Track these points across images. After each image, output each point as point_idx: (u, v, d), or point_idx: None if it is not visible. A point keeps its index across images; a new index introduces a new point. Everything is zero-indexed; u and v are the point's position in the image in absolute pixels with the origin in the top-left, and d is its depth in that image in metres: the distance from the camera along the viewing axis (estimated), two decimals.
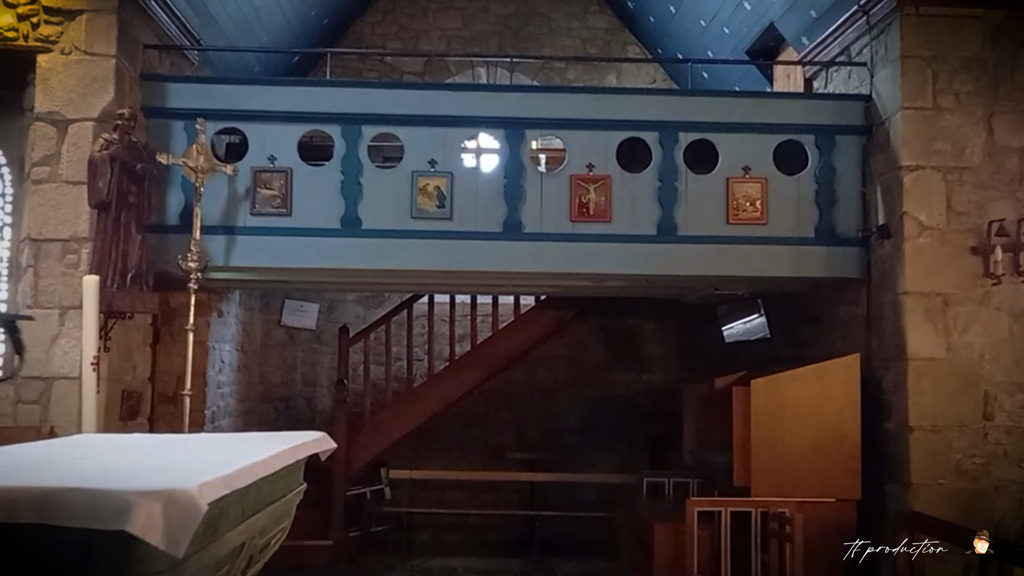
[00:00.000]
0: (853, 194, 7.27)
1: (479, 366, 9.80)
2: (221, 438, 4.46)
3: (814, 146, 7.29)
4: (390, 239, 7.11)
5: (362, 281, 8.80)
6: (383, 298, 11.03)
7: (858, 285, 7.36)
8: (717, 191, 7.24)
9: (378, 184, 7.16)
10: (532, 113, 7.23)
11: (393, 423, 9.69)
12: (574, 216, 7.18)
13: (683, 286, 8.50)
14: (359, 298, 11.13)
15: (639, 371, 10.93)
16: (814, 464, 6.76)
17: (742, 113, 7.28)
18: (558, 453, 10.58)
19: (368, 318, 10.77)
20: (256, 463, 3.35)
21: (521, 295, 10.05)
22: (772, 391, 6.85)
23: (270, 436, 4.56)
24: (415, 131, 7.20)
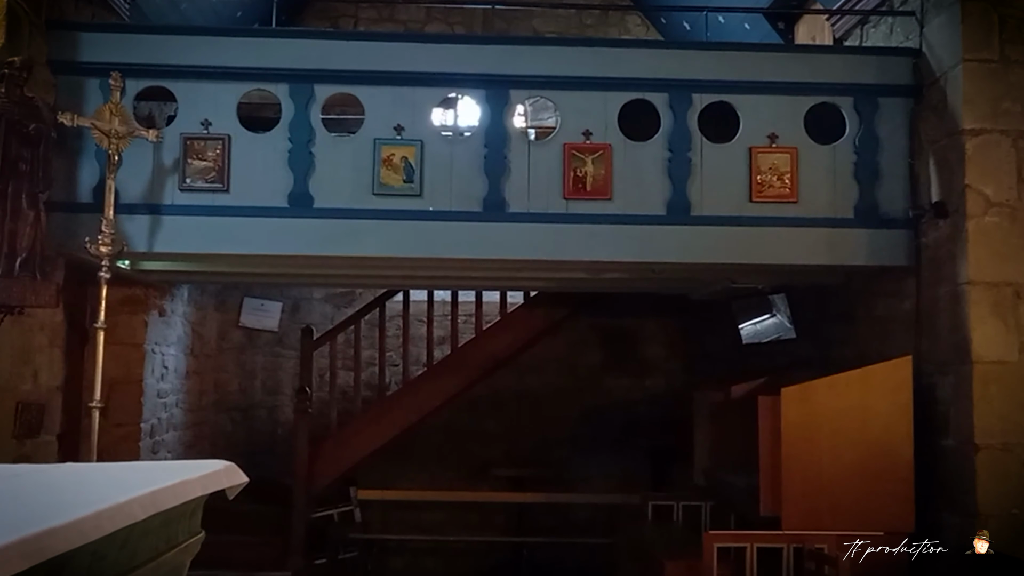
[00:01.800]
0: (899, 166, 6.13)
1: (461, 372, 8.80)
2: (83, 469, 3.28)
3: (853, 110, 6.14)
4: (347, 220, 5.97)
5: (315, 273, 7.61)
6: (353, 296, 9.94)
7: (903, 275, 6.22)
8: (738, 163, 6.10)
9: (333, 154, 6.01)
10: (518, 70, 6.07)
11: (363, 436, 8.66)
12: (568, 193, 6.04)
13: (695, 278, 7.34)
14: (327, 296, 10.01)
15: (639, 376, 9.83)
16: (858, 489, 5.60)
17: (768, 70, 6.14)
18: (549, 469, 9.54)
19: (337, 318, 9.68)
20: (103, 512, 2.25)
21: (508, 291, 8.94)
22: (806, 401, 5.69)
23: (157, 467, 3.47)
24: (378, 91, 6.05)
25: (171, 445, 8.49)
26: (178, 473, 3.03)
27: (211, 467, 3.33)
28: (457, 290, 8.95)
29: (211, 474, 3.27)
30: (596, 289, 8.28)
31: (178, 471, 3.10)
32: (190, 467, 3.28)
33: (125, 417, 7.68)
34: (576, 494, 9.45)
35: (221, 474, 3.34)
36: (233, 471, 3.51)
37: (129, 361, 7.67)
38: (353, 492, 9.04)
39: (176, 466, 3.46)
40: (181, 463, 3.59)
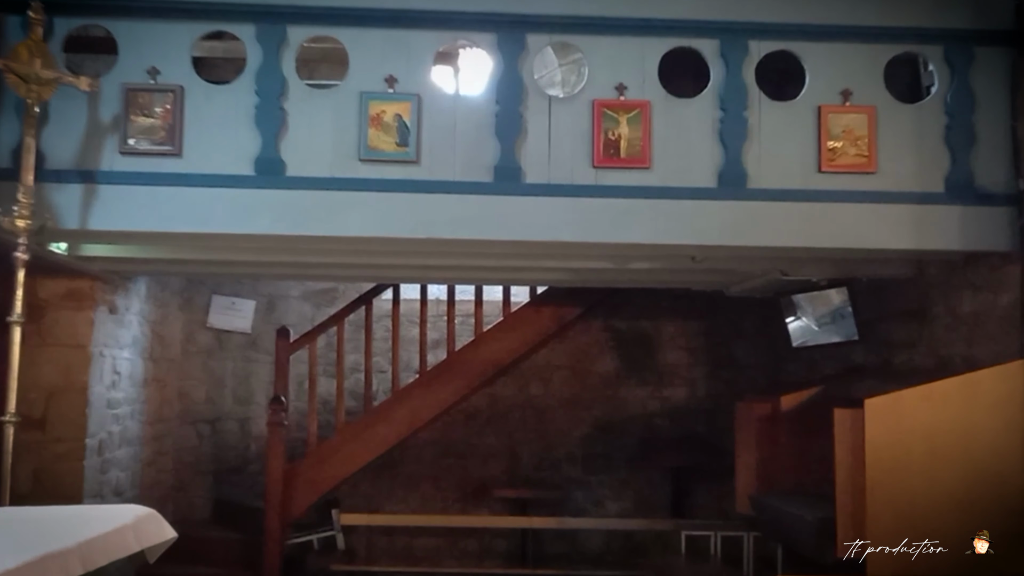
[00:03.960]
0: (999, 130, 5.05)
1: (457, 379, 7.80)
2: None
3: (943, 61, 5.07)
4: (327, 192, 4.89)
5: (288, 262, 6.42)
6: (336, 293, 8.82)
7: (1000, 262, 5.17)
8: (804, 126, 5.02)
9: (311, 111, 4.92)
10: (536, 8, 4.97)
11: (347, 452, 7.68)
12: (598, 160, 4.95)
13: (743, 268, 6.24)
14: (306, 293, 8.89)
15: (658, 385, 8.73)
16: (960, 527, 4.52)
17: (840, 13, 5.05)
18: (557, 490, 8.47)
19: (317, 318, 8.56)
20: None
21: (512, 287, 7.85)
22: (895, 415, 4.61)
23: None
24: (365, 34, 4.95)
25: (125, 463, 7.35)
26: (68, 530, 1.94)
27: (125, 516, 2.22)
28: (454, 285, 7.87)
29: (112, 531, 2.16)
30: (618, 283, 7.19)
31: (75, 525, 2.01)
32: (93, 515, 2.19)
33: (67, 431, 6.56)
34: (589, 519, 8.38)
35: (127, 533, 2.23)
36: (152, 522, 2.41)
37: (71, 365, 6.54)
38: (335, 515, 8.01)
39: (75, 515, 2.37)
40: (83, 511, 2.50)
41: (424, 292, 7.93)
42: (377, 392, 8.16)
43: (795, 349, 7.30)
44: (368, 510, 8.32)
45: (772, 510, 5.77)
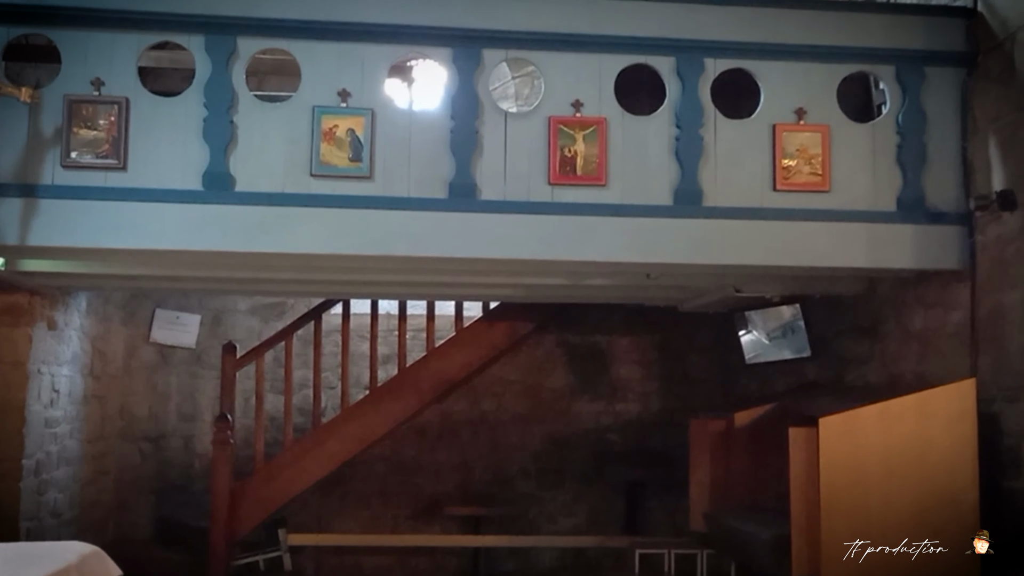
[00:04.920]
0: (950, 150, 5.11)
1: (408, 395, 7.69)
2: None
3: (895, 81, 5.11)
4: (278, 208, 4.77)
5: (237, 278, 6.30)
6: (284, 308, 8.66)
7: (951, 280, 5.21)
8: (760, 144, 5.03)
9: (261, 125, 4.80)
10: (493, 23, 4.90)
11: (295, 470, 7.52)
12: (554, 177, 4.91)
13: (697, 285, 6.22)
14: (253, 308, 8.72)
15: (611, 400, 8.70)
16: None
17: (795, 32, 5.06)
18: (509, 507, 8.38)
19: (265, 333, 8.38)
20: None
21: (464, 302, 7.77)
22: (850, 433, 4.61)
23: None
24: (318, 47, 4.85)
25: (63, 483, 7.14)
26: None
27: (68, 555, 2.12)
28: (406, 300, 7.76)
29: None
30: (573, 299, 7.14)
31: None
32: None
33: (3, 451, 6.38)
34: (541, 536, 8.33)
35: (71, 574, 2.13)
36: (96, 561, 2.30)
37: (8, 384, 6.36)
38: (282, 535, 7.91)
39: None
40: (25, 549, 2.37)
41: (375, 307, 7.83)
42: (326, 408, 8.03)
43: (748, 365, 7.32)
44: (317, 529, 8.18)
45: (726, 527, 5.75)
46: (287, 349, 7.62)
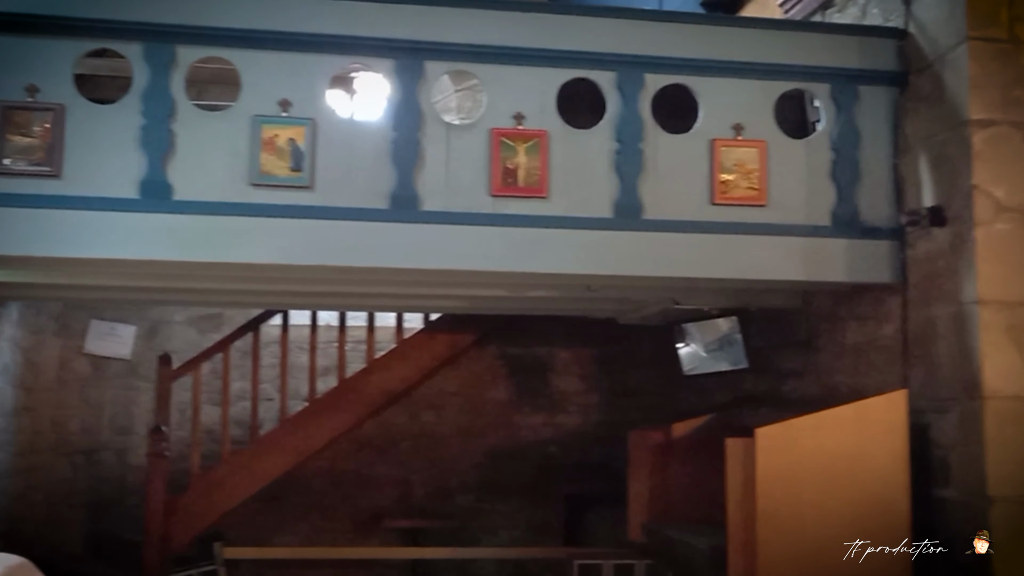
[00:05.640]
0: (882, 167, 5.22)
1: (348, 408, 7.63)
2: None
3: (829, 99, 5.22)
4: (217, 217, 4.71)
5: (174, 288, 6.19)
6: (222, 319, 8.56)
7: (883, 294, 5.32)
8: (698, 158, 5.10)
9: (201, 134, 4.74)
10: (436, 36, 4.91)
11: (232, 483, 7.43)
12: (496, 189, 4.92)
13: (637, 297, 6.28)
14: (190, 319, 8.61)
15: (552, 413, 8.72)
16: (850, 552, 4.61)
17: (733, 49, 5.15)
18: (450, 519, 8.34)
19: (202, 344, 8.25)
20: None
21: (405, 313, 7.74)
22: (786, 444, 4.67)
23: None
24: (259, 56, 4.81)
25: None
26: None
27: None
28: (346, 312, 7.71)
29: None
30: (514, 311, 7.16)
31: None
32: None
33: None
34: (481, 548, 8.30)
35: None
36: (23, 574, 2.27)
37: None
38: (217, 549, 7.65)
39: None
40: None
41: (314, 318, 7.76)
42: (264, 421, 7.92)
43: (688, 377, 7.40)
44: (254, 543, 8.02)
45: (665, 538, 5.79)
46: (224, 360, 7.54)
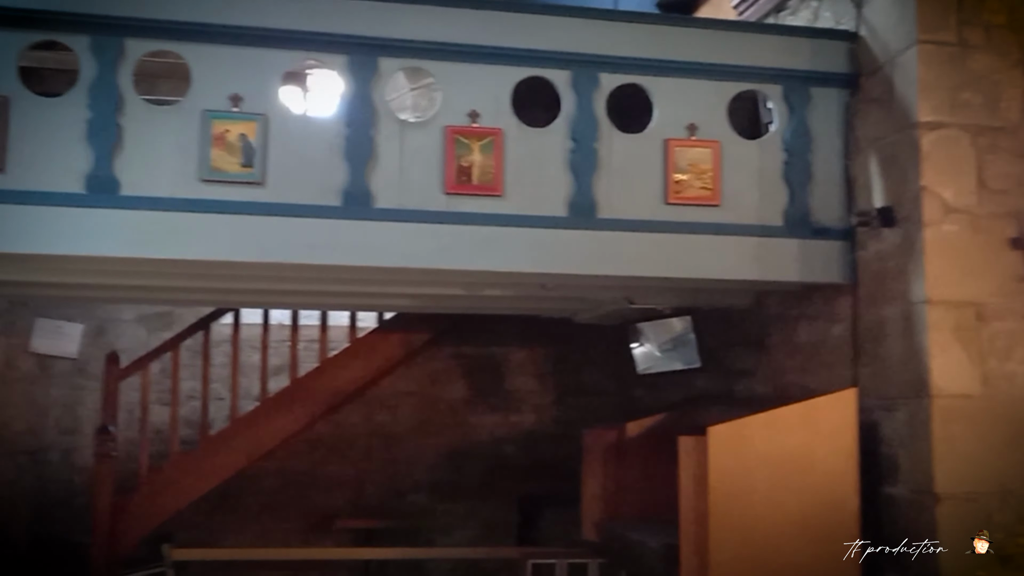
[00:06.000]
0: (833, 168, 5.28)
1: (300, 407, 7.57)
2: None
3: (782, 100, 5.27)
4: (166, 213, 4.62)
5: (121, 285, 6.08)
6: (172, 317, 8.43)
7: (834, 294, 5.38)
8: (652, 158, 5.11)
9: (149, 128, 4.66)
10: (390, 32, 4.87)
11: (181, 484, 7.36)
12: (450, 187, 4.89)
13: (592, 296, 6.28)
14: (139, 317, 8.48)
15: (507, 412, 8.72)
16: (800, 552, 4.65)
17: (687, 50, 5.17)
18: (403, 520, 8.30)
19: (151, 343, 8.13)
20: None
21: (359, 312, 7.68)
22: (738, 442, 4.70)
23: None
24: (210, 51, 4.74)
25: None
26: None
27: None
28: (298, 311, 7.64)
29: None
30: (469, 310, 7.13)
31: None
32: None
33: None
34: (434, 548, 8.26)
35: None
36: None
37: None
38: (166, 551, 7.55)
39: None
40: None
41: (266, 317, 7.67)
42: (215, 421, 7.79)
43: (641, 376, 7.43)
44: (203, 544, 7.92)
45: (618, 537, 5.81)
46: (174, 359, 7.44)
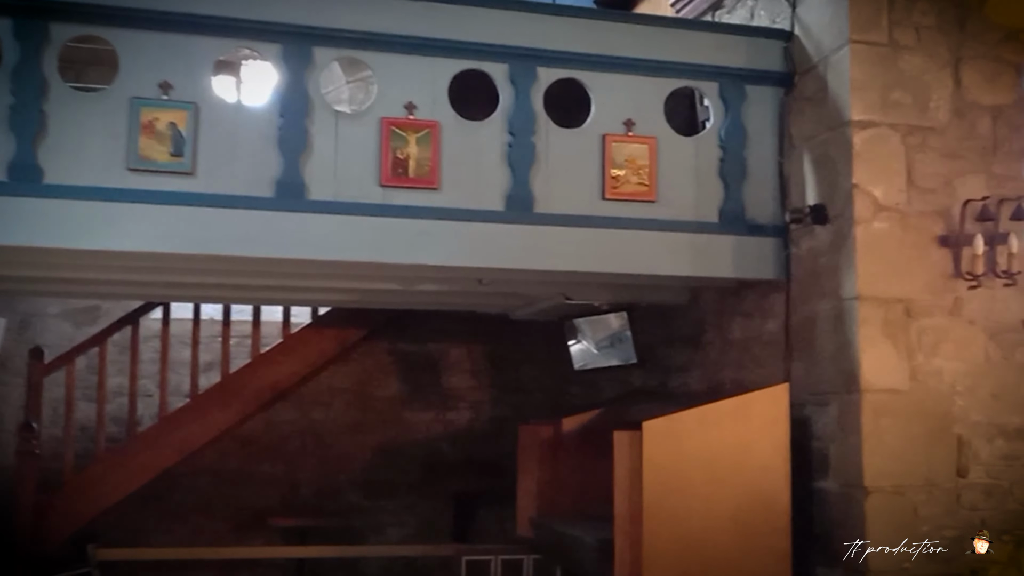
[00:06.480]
0: (768, 165, 5.34)
1: (232, 404, 7.45)
2: None
3: (718, 97, 5.31)
4: (92, 203, 4.50)
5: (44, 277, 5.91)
6: (99, 312, 8.21)
7: (768, 290, 5.44)
8: (590, 153, 5.12)
9: (75, 116, 4.53)
10: (325, 21, 4.79)
11: (107, 482, 7.18)
12: (386, 179, 4.84)
13: (526, 292, 6.25)
14: (65, 312, 8.25)
15: (443, 409, 8.65)
16: (733, 545, 4.69)
17: (625, 45, 5.17)
18: (337, 518, 8.17)
19: (77, 338, 7.91)
20: None
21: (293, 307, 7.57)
22: (672, 437, 4.72)
23: None
24: (139, 36, 4.62)
25: None
26: None
27: None
28: (231, 305, 7.49)
29: None
30: (405, 305, 7.07)
31: None
32: None
33: None
34: (367, 546, 8.17)
35: None
36: None
37: None
38: (92, 551, 7.35)
39: None
40: None
41: (197, 311, 7.53)
42: (143, 417, 7.65)
43: (578, 372, 7.44)
44: (131, 544, 7.71)
45: (553, 533, 5.80)
46: (101, 355, 7.27)
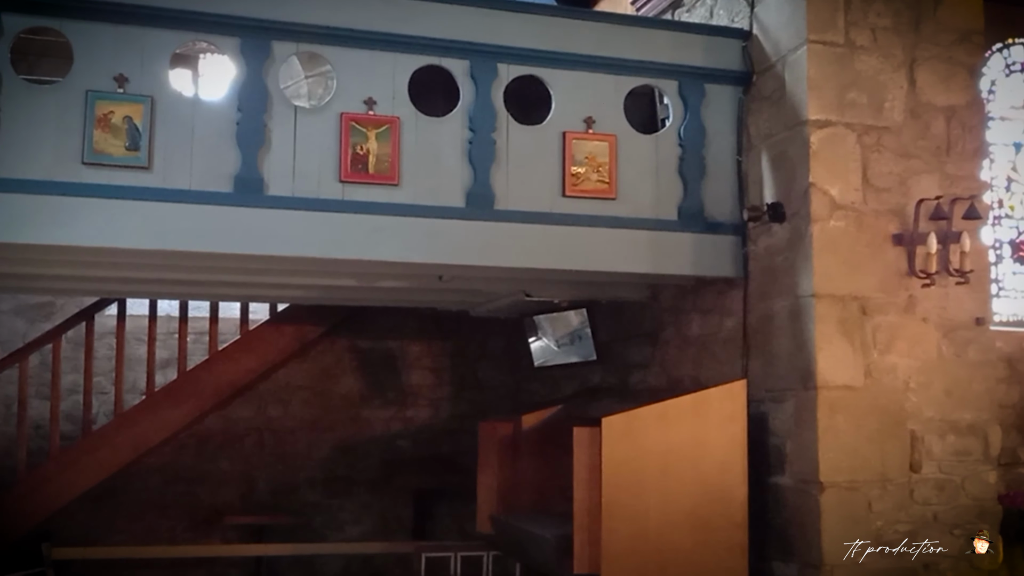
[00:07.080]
0: (726, 163, 5.39)
1: (189, 401, 7.36)
2: None
3: (677, 96, 5.34)
4: (46, 197, 4.45)
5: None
6: (53, 308, 8.09)
7: (726, 288, 5.49)
8: (550, 150, 5.14)
9: (27, 108, 4.47)
10: (285, 15, 4.76)
11: (62, 481, 7.07)
12: (345, 175, 4.83)
13: (487, 289, 6.25)
14: (18, 308, 8.13)
15: (402, 406, 8.63)
16: (690, 540, 4.73)
17: (585, 43, 5.19)
18: (295, 515, 8.13)
19: (31, 334, 7.79)
20: None
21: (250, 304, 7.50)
22: (631, 433, 4.76)
23: None
24: (94, 29, 4.57)
25: None
26: None
27: None
28: (187, 301, 7.41)
29: None
30: (363, 302, 7.04)
31: None
32: None
33: None
34: (325, 544, 8.13)
35: None
36: None
37: None
38: (46, 550, 7.29)
39: None
40: None
41: (153, 308, 7.43)
42: (98, 415, 7.57)
43: (538, 369, 7.45)
44: (86, 543, 7.64)
45: (512, 529, 5.81)
46: (55, 352, 7.15)
